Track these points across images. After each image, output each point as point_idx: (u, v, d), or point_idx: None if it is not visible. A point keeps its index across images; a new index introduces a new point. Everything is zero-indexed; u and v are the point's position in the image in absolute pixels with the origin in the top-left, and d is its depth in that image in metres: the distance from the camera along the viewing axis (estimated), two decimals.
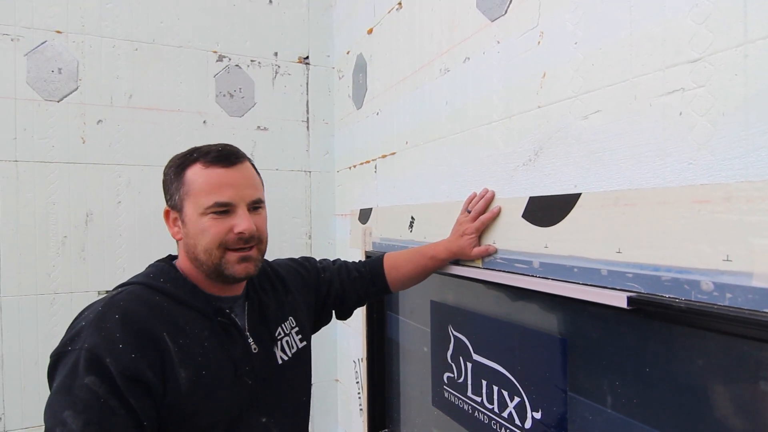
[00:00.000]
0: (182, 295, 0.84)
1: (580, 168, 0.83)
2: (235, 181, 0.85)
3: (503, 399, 1.04)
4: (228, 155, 0.86)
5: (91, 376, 0.70)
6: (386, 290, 1.23)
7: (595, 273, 0.78)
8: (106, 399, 0.69)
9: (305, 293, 1.11)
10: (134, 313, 0.77)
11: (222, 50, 1.97)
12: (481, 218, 1.05)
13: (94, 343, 0.72)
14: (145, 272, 0.89)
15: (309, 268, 1.16)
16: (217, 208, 0.83)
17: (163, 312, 0.81)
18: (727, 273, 0.60)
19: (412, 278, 1.22)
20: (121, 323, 0.75)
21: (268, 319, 0.96)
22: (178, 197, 0.86)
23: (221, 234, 0.83)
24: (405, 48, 1.47)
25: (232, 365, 0.85)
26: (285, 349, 0.98)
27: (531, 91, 0.94)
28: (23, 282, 1.69)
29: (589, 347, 0.85)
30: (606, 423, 0.81)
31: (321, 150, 2.17)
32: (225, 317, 0.88)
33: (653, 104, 0.70)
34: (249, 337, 0.90)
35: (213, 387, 0.81)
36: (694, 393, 0.68)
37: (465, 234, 1.08)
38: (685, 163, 0.66)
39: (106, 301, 0.78)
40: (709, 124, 0.63)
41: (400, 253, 1.23)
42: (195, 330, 0.82)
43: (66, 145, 1.74)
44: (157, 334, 0.77)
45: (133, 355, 0.73)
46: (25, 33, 1.69)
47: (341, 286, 1.17)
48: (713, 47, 0.62)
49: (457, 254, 1.11)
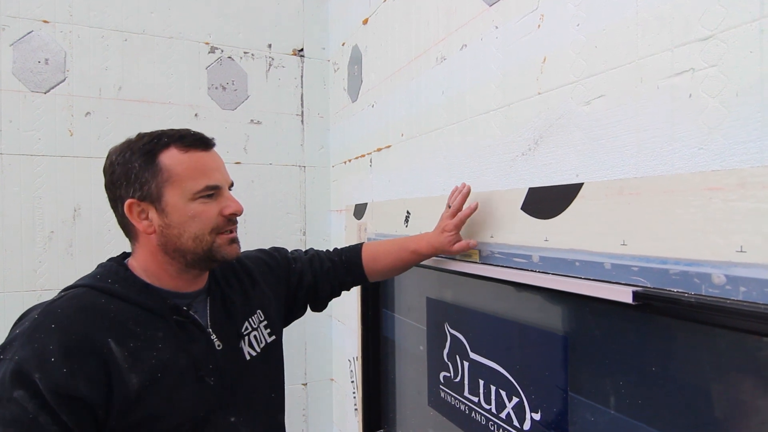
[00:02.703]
0: (132, 295, 0.79)
1: (583, 156, 0.79)
2: (217, 164, 0.85)
3: (501, 399, 1.00)
4: (204, 138, 0.85)
5: (20, 390, 0.66)
6: (364, 281, 1.19)
7: (597, 267, 0.74)
8: (36, 415, 0.66)
9: (275, 285, 1.06)
10: (72, 321, 0.72)
11: (214, 42, 1.93)
12: (459, 215, 1.03)
13: (23, 356, 0.68)
14: (92, 273, 0.83)
15: (278, 259, 1.10)
16: (207, 192, 0.81)
17: (109, 315, 0.76)
18: (740, 265, 0.55)
19: (392, 270, 1.19)
20: (56, 334, 0.70)
21: (234, 313, 0.92)
22: (153, 186, 0.79)
23: (212, 218, 0.82)
24: (401, 37, 1.43)
25: (193, 365, 0.80)
26: (253, 344, 0.93)
27: (531, 77, 0.90)
28: (8, 278, 1.65)
29: (590, 345, 0.81)
30: (608, 424, 0.77)
31: (316, 144, 2.13)
32: (182, 315, 0.82)
33: (660, 86, 0.66)
34: (211, 333, 0.86)
35: (171, 389, 0.77)
36: (703, 394, 0.64)
37: (445, 230, 1.05)
38: (695, 148, 0.61)
39: (44, 308, 0.74)
40: (721, 106, 0.59)
41: (380, 244, 1.19)
42: (147, 331, 0.78)
43: (53, 137, 1.69)
44: (98, 341, 0.72)
45: (65, 369, 0.68)
46: (11, 22, 1.64)
47: (313, 277, 1.12)
48: (726, 23, 0.58)
49: (439, 250, 1.08)
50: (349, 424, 1.93)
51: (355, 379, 1.83)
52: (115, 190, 0.82)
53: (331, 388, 2.18)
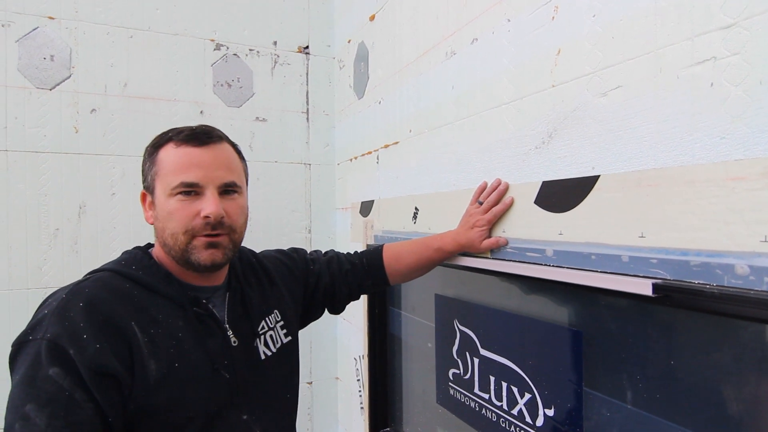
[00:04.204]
0: (154, 283, 0.79)
1: (599, 149, 0.78)
2: (204, 162, 0.80)
3: (513, 395, 0.99)
4: (201, 134, 0.81)
5: (55, 368, 0.65)
6: (385, 283, 1.17)
7: (615, 260, 0.73)
8: (72, 391, 0.65)
9: (292, 286, 1.05)
10: (100, 300, 0.72)
11: (220, 39, 1.92)
12: (494, 210, 1.00)
13: (56, 333, 0.67)
14: (117, 259, 0.84)
15: (297, 260, 1.10)
16: (183, 188, 0.78)
17: (132, 300, 0.76)
18: (765, 255, 0.55)
19: (415, 271, 1.16)
20: (85, 312, 0.70)
21: (251, 311, 0.91)
22: (150, 178, 0.82)
23: (188, 218, 0.78)
24: (408, 32, 1.42)
25: (209, 359, 0.80)
26: (269, 344, 0.92)
27: (544, 70, 0.89)
28: (14, 275, 1.64)
29: (606, 339, 0.80)
30: (625, 420, 0.76)
31: (321, 142, 2.12)
32: (201, 308, 0.82)
33: (681, 76, 0.65)
34: (228, 329, 0.85)
35: (186, 381, 0.76)
36: (724, 388, 0.63)
37: (476, 226, 1.02)
38: (717, 138, 0.61)
39: (71, 289, 0.74)
40: (744, 94, 0.58)
41: (402, 244, 1.17)
42: (168, 320, 0.77)
43: (58, 134, 1.68)
44: (124, 322, 0.73)
45: (98, 345, 0.68)
46: (16, 18, 1.64)
47: (331, 279, 1.11)
48: (749, 11, 0.57)
49: (466, 246, 1.06)
50: (355, 422, 1.92)
51: (362, 378, 1.82)
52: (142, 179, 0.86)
53: (336, 387, 2.17)
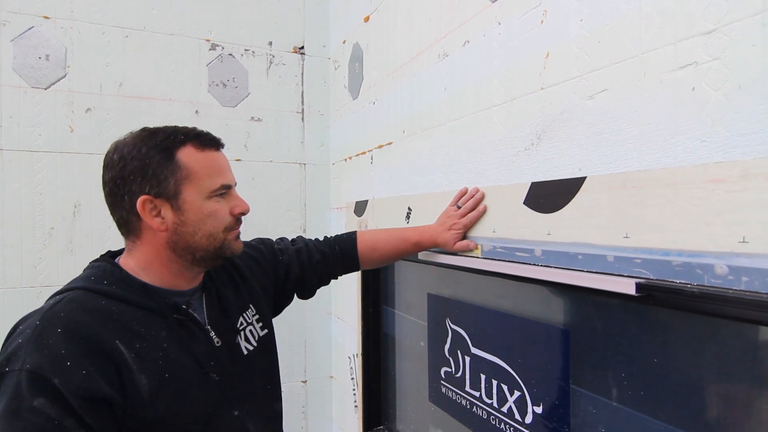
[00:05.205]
0: (132, 296, 0.77)
1: (585, 150, 0.79)
2: (226, 164, 0.88)
3: (503, 393, 1.01)
4: (216, 138, 0.87)
5: (40, 398, 0.63)
6: (355, 270, 1.23)
7: (600, 259, 0.75)
8: (60, 420, 0.63)
9: (262, 279, 1.06)
10: (78, 324, 0.70)
11: (215, 39, 1.93)
12: (470, 216, 1.06)
13: (36, 363, 0.65)
14: (83, 275, 0.79)
15: (265, 253, 1.10)
16: (222, 191, 0.84)
17: (112, 317, 0.73)
18: (743, 255, 0.56)
19: (388, 260, 1.24)
20: (64, 337, 0.67)
21: (229, 309, 0.92)
22: (172, 183, 0.78)
23: (226, 216, 0.85)
24: (402, 34, 1.43)
25: (197, 363, 0.80)
26: (249, 339, 0.94)
27: (533, 72, 0.91)
28: (8, 275, 1.64)
29: (592, 338, 0.82)
30: (611, 417, 0.78)
31: (316, 142, 2.13)
32: (182, 313, 0.82)
33: (664, 80, 0.66)
34: (210, 330, 0.86)
35: (179, 389, 0.76)
36: (706, 384, 0.64)
37: (453, 228, 1.08)
38: (698, 141, 0.62)
39: (44, 314, 0.70)
40: (724, 99, 0.59)
41: (377, 233, 1.21)
42: (151, 332, 0.76)
43: (53, 133, 1.69)
44: (108, 343, 0.71)
45: (84, 371, 0.66)
46: (12, 18, 1.64)
47: (301, 269, 1.12)
48: (729, 17, 0.59)
49: (441, 245, 1.12)
50: (349, 421, 1.93)
51: (355, 376, 1.83)
52: (125, 186, 0.78)
53: (330, 386, 2.18)
